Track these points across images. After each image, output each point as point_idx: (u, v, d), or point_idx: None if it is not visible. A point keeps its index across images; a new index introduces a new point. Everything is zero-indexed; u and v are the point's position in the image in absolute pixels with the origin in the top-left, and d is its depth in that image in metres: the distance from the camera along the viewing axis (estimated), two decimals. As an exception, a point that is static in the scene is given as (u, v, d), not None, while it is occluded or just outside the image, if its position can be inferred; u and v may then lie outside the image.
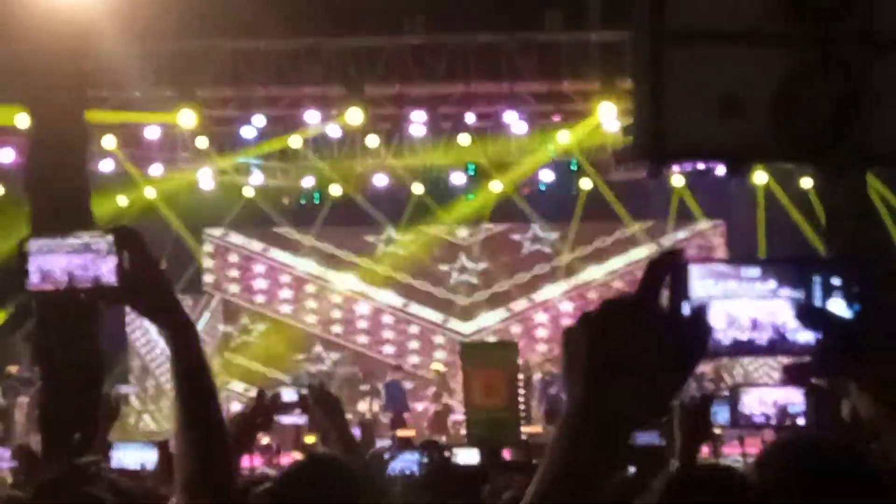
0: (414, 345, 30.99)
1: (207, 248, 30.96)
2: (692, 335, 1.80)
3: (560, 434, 1.83)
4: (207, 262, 30.93)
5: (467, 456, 11.40)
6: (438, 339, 30.96)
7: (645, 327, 1.78)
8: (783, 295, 1.85)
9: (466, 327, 30.79)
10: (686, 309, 1.81)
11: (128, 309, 3.36)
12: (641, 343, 1.77)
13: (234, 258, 31.16)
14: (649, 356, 1.77)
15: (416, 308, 30.99)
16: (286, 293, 31.19)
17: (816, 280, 1.85)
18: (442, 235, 31.02)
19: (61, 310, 14.78)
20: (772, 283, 1.86)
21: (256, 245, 31.13)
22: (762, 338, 1.85)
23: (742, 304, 1.85)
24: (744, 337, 1.85)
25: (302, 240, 30.89)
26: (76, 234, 3.08)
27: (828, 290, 1.84)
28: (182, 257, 28.25)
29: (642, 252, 30.56)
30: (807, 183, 26.56)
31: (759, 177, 27.50)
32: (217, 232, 30.90)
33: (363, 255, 30.77)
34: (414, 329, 31.07)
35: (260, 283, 31.17)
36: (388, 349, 30.84)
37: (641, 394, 1.79)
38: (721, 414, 5.99)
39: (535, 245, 31.20)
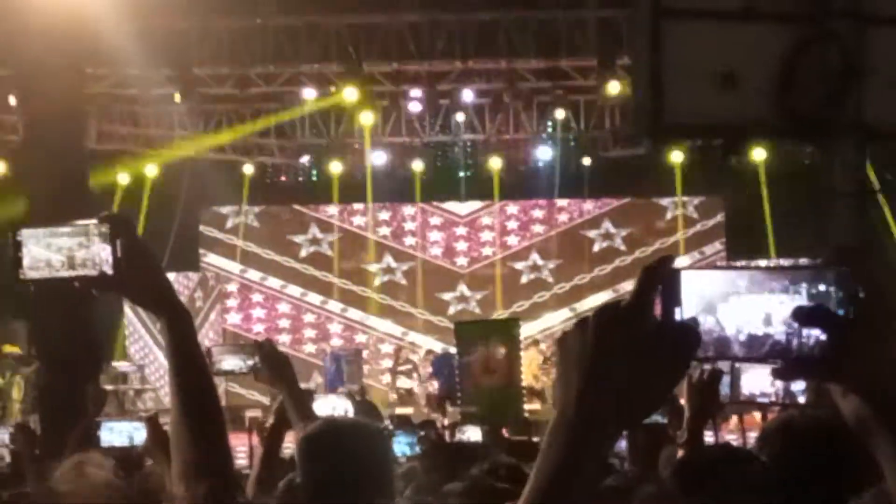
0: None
1: (204, 229, 31.04)
2: (683, 342, 1.84)
3: (554, 433, 1.87)
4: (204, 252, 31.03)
5: (473, 434, 11.44)
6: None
7: (638, 333, 1.83)
8: (776, 299, 1.88)
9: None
10: (677, 314, 1.85)
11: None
12: (634, 348, 1.83)
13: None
14: (641, 360, 1.82)
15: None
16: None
17: (803, 286, 1.88)
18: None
19: (57, 293, 14.78)
20: (767, 288, 1.88)
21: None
22: (775, 335, 1.88)
23: (738, 307, 1.88)
24: (759, 332, 1.89)
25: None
26: (69, 222, 3.08)
27: (815, 296, 1.87)
28: (181, 236, 28.30)
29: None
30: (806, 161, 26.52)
31: (758, 154, 27.45)
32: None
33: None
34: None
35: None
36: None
37: (633, 396, 1.84)
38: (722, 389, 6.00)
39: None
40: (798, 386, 5.52)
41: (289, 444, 5.63)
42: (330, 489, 4.18)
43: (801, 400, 5.46)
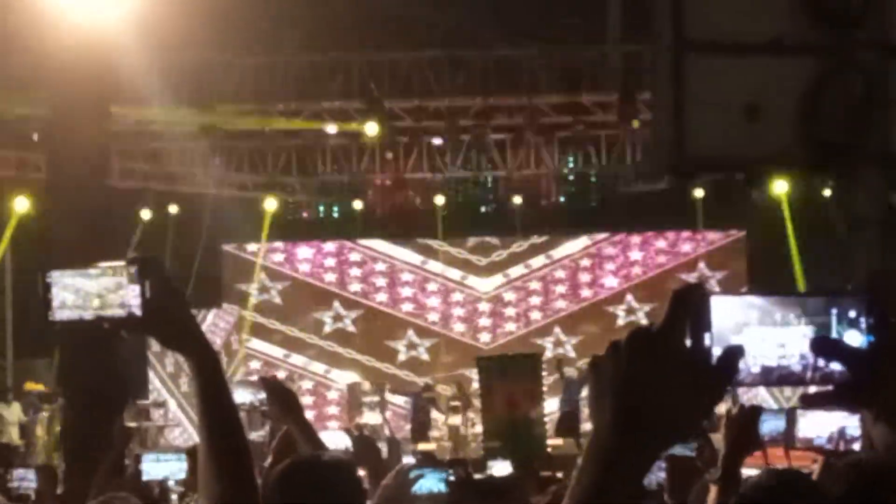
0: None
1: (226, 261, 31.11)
2: (719, 370, 1.87)
3: (588, 457, 1.90)
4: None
5: (500, 469, 11.43)
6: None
7: (670, 358, 1.86)
8: (805, 325, 1.89)
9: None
10: (707, 340, 1.86)
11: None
12: (666, 372, 1.85)
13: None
14: (673, 385, 1.85)
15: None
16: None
17: (833, 312, 1.89)
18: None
19: (85, 334, 14.82)
20: (795, 314, 1.90)
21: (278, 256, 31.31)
22: (791, 366, 1.90)
23: (769, 332, 1.90)
24: (773, 364, 1.90)
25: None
26: (97, 264, 3.09)
27: (844, 322, 1.89)
28: (204, 273, 28.40)
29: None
30: (827, 192, 26.45)
31: (779, 187, 27.38)
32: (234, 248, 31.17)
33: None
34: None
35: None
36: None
37: (665, 422, 1.87)
38: (768, 424, 5.95)
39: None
40: (853, 431, 5.49)
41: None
42: None
43: (857, 447, 5.44)
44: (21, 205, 25.15)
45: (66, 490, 8.08)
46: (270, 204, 29.60)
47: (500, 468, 11.46)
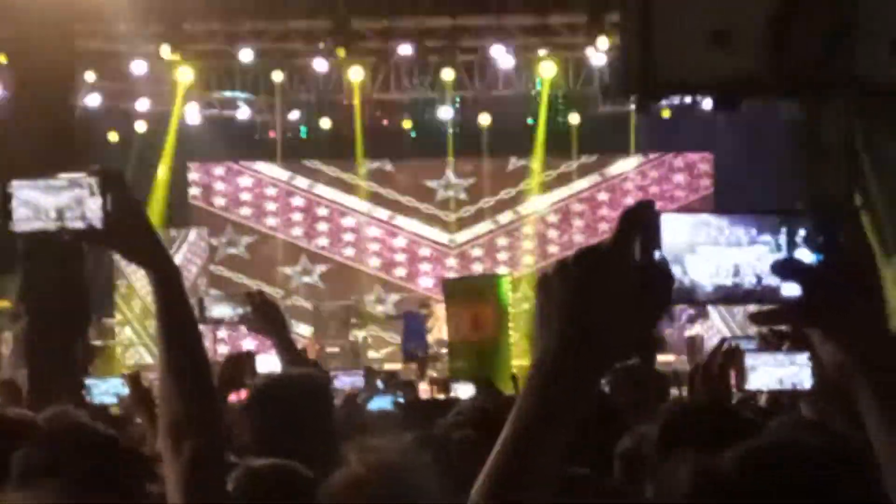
0: (400, 257, 31.02)
1: (192, 175, 30.94)
2: (658, 283, 1.87)
3: (534, 375, 1.90)
4: (194, 190, 30.94)
5: (465, 391, 11.51)
6: (424, 252, 31.06)
7: (618, 275, 1.85)
8: (757, 243, 1.91)
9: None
10: (657, 258, 1.88)
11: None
12: (614, 290, 1.85)
13: (219, 186, 31.14)
14: (621, 303, 1.85)
15: (402, 220, 31.01)
16: (271, 206, 31.12)
17: (783, 230, 1.90)
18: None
19: (48, 248, 14.76)
20: (747, 232, 1.91)
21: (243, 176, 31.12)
22: (744, 284, 1.92)
23: (723, 251, 1.91)
24: (727, 283, 1.92)
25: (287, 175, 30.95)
26: (59, 175, 3.07)
27: (795, 240, 1.90)
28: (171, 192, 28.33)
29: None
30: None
31: (745, 109, 27.32)
32: (200, 167, 30.96)
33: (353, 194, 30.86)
34: (401, 242, 31.06)
35: (245, 196, 31.12)
36: (375, 261, 30.95)
37: (612, 338, 1.87)
38: None
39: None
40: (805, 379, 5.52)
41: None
42: (276, 437, 4.26)
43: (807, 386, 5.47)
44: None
45: (30, 408, 8.06)
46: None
47: (464, 390, 11.54)
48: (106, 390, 8.47)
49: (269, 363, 6.95)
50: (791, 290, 1.90)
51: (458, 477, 2.53)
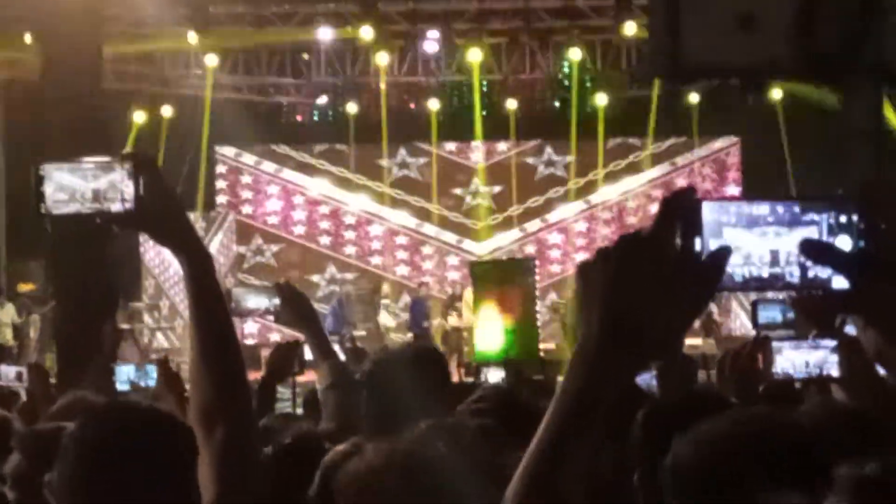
0: (428, 266, 30.97)
1: (220, 168, 30.88)
2: (706, 273, 1.85)
3: (575, 364, 1.88)
4: (220, 183, 30.88)
5: (494, 375, 11.48)
6: (453, 261, 30.97)
7: (658, 263, 1.83)
8: (796, 230, 1.88)
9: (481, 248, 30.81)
10: (698, 245, 1.85)
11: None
12: (655, 278, 1.83)
13: (246, 179, 31.08)
14: (662, 291, 1.83)
15: (429, 229, 30.95)
16: (300, 214, 31.12)
17: (824, 217, 1.88)
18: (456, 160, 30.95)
19: (75, 232, 14.79)
20: (786, 219, 1.89)
21: (269, 166, 30.99)
22: (784, 276, 1.89)
23: (759, 238, 1.88)
24: (763, 273, 1.89)
25: (314, 162, 30.79)
26: (90, 159, 3.05)
27: (836, 227, 1.88)
28: (196, 177, 28.31)
29: (656, 172, 30.57)
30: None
31: (776, 94, 27.21)
32: (230, 152, 30.79)
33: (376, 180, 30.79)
34: (428, 250, 31.02)
35: (273, 205, 31.08)
36: (403, 270, 30.88)
37: (653, 327, 1.84)
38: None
39: (548, 169, 31.06)
40: (833, 363, 5.50)
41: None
42: (392, 415, 4.24)
43: (835, 373, 5.44)
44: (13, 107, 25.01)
45: (58, 391, 8.05)
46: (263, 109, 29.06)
47: (494, 375, 11.50)
48: (118, 377, 8.41)
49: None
50: (841, 283, 1.88)
51: (473, 464, 2.51)
